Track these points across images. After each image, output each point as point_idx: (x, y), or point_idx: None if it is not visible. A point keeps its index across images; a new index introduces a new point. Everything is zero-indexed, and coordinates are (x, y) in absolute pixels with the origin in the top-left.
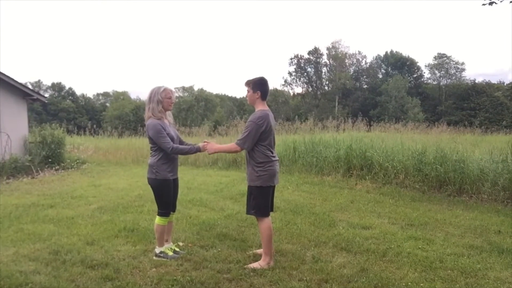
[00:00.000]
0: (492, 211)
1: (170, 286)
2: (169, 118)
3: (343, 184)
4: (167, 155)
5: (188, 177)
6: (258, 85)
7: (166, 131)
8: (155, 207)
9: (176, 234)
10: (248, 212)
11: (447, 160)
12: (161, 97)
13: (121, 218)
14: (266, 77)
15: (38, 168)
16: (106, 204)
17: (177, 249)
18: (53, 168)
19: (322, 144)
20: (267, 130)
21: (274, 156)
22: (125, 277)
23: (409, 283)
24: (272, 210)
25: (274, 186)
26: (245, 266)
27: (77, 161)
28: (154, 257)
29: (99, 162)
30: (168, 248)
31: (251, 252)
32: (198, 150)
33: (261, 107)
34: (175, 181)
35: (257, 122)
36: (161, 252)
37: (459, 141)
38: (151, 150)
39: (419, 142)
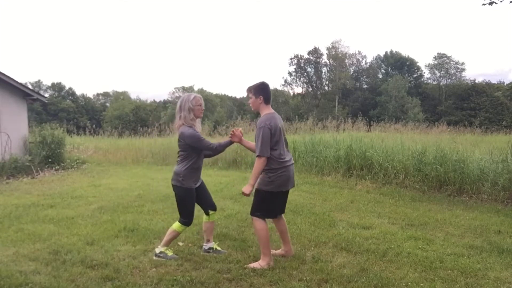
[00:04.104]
0: (492, 211)
1: (170, 286)
2: (198, 125)
3: (343, 184)
4: (195, 164)
5: None
6: (260, 90)
7: None
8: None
9: None
10: (253, 214)
11: (447, 160)
12: (192, 105)
13: (121, 218)
14: (266, 81)
15: (38, 168)
16: (106, 204)
17: (219, 248)
18: (53, 168)
19: (322, 144)
20: (276, 134)
21: (288, 161)
22: (125, 277)
23: (409, 283)
24: (283, 212)
25: (288, 190)
26: (245, 266)
27: (77, 161)
28: (154, 257)
29: (99, 162)
30: (168, 248)
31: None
32: (231, 142)
33: (266, 111)
34: (201, 185)
35: (265, 127)
36: (161, 252)
37: (459, 141)
38: (180, 157)
39: (419, 142)
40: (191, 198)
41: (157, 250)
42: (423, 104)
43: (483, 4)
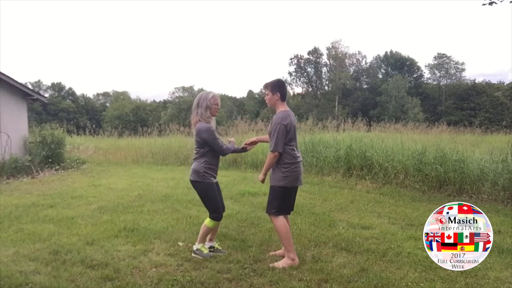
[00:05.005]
0: (492, 211)
1: (170, 286)
2: (213, 123)
3: (343, 184)
4: (212, 160)
5: (188, 177)
6: (276, 87)
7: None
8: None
9: (176, 234)
10: (269, 212)
11: (447, 160)
12: (209, 103)
13: (121, 218)
14: (282, 79)
15: (38, 168)
16: (106, 204)
17: (219, 248)
18: (53, 168)
19: (322, 144)
20: (291, 131)
21: (299, 157)
22: (125, 277)
23: (409, 283)
24: (292, 209)
25: (297, 187)
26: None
27: (77, 161)
28: (192, 254)
29: (99, 162)
30: (204, 246)
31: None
32: (244, 150)
33: (282, 108)
34: (217, 184)
35: (282, 123)
36: (197, 249)
37: (459, 141)
38: (197, 154)
39: (419, 142)
40: (213, 191)
41: (195, 247)
42: (423, 104)
43: (483, 4)
